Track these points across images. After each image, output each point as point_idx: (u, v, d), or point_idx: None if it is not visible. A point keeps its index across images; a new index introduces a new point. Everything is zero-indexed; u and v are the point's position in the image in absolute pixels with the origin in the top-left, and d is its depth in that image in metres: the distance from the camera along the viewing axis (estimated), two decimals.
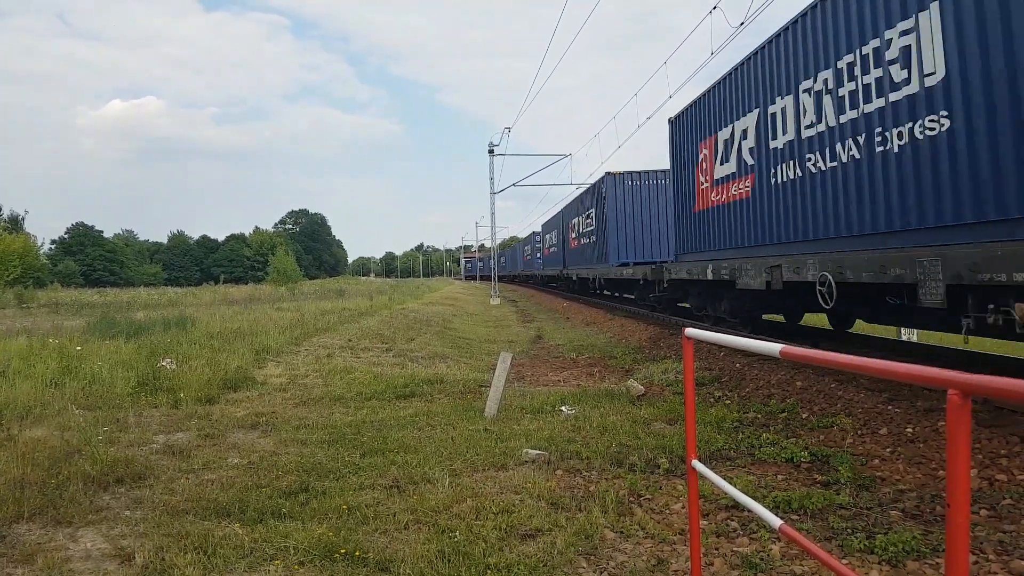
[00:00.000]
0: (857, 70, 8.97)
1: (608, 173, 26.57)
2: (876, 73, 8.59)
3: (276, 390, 10.35)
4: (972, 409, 1.54)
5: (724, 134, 13.92)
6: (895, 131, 8.29)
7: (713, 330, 7.99)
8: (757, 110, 12.21)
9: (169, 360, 11.25)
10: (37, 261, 65.06)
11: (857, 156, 9.07)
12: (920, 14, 7.72)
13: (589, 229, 30.98)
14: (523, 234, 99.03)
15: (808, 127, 10.30)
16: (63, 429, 7.59)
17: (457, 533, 4.70)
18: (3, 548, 4.65)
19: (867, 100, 8.81)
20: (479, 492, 5.58)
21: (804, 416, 8.06)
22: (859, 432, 7.14)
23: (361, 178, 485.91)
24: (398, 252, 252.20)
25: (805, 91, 10.37)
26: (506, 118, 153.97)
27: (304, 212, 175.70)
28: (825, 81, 9.78)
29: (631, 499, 5.48)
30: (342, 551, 4.43)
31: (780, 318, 15.67)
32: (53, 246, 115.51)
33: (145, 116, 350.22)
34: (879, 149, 8.60)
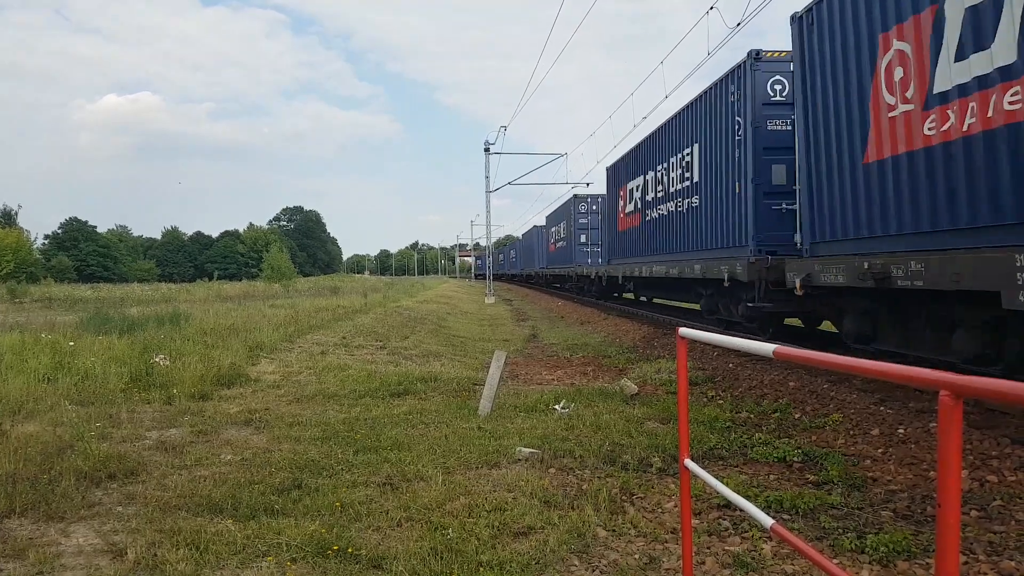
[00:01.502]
0: (674, 167, 17.54)
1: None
2: (679, 170, 17.08)
3: (270, 387, 10.33)
4: (964, 410, 1.55)
5: (631, 184, 22.13)
6: (684, 201, 16.83)
7: (706, 330, 7.99)
8: (641, 176, 20.87)
9: (162, 356, 11.23)
10: (30, 256, 64.92)
11: (669, 211, 17.98)
12: (693, 145, 16.02)
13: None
14: (519, 232, 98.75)
15: (655, 192, 19.38)
16: (55, 424, 7.56)
17: (450, 530, 4.70)
18: None
19: (677, 183, 17.26)
20: (472, 490, 5.58)
21: (797, 416, 8.08)
22: (851, 433, 7.17)
23: (357, 175, 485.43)
24: (393, 250, 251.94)
25: (655, 171, 19.43)
26: (503, 118, 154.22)
27: (299, 209, 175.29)
28: (664, 168, 18.46)
29: (624, 498, 5.49)
30: (335, 548, 4.43)
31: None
32: (46, 241, 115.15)
33: (141, 111, 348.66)
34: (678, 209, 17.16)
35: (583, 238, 34.73)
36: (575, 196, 34.98)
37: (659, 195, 18.68)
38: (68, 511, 5.19)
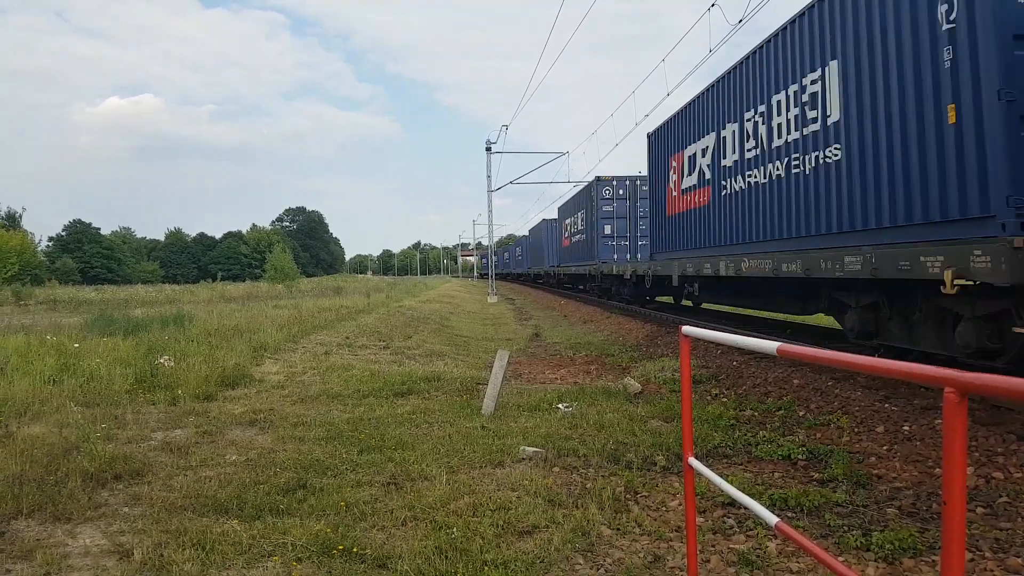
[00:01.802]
0: (782, 108, 11.10)
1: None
2: (796, 109, 10.57)
3: (274, 387, 10.34)
4: (969, 407, 1.55)
5: (692, 149, 15.94)
6: (581, 236, 28.95)
7: (710, 328, 7.96)
8: (711, 134, 14.53)
9: (167, 357, 11.25)
10: (35, 258, 65.04)
11: (775, 176, 11.52)
12: (827, 64, 9.59)
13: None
14: (520, 232, 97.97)
15: (744, 152, 12.81)
16: (61, 426, 7.58)
17: (454, 530, 4.71)
18: (2, 544, 4.65)
19: (792, 130, 10.76)
20: (476, 489, 5.59)
21: (801, 414, 8.08)
22: (856, 430, 7.16)
23: (359, 176, 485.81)
24: (395, 250, 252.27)
25: (741, 121, 12.78)
26: (504, 118, 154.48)
27: (301, 210, 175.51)
28: (761, 113, 11.93)
29: (628, 496, 5.49)
30: (340, 547, 4.44)
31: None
32: (51, 243, 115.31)
33: (143, 113, 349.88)
34: (798, 169, 10.72)
35: (607, 229, 28.71)
36: (597, 179, 28.88)
37: (752, 155, 12.28)
38: (74, 512, 5.20)
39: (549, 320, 26.20)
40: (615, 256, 28.03)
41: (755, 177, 12.23)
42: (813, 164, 10.08)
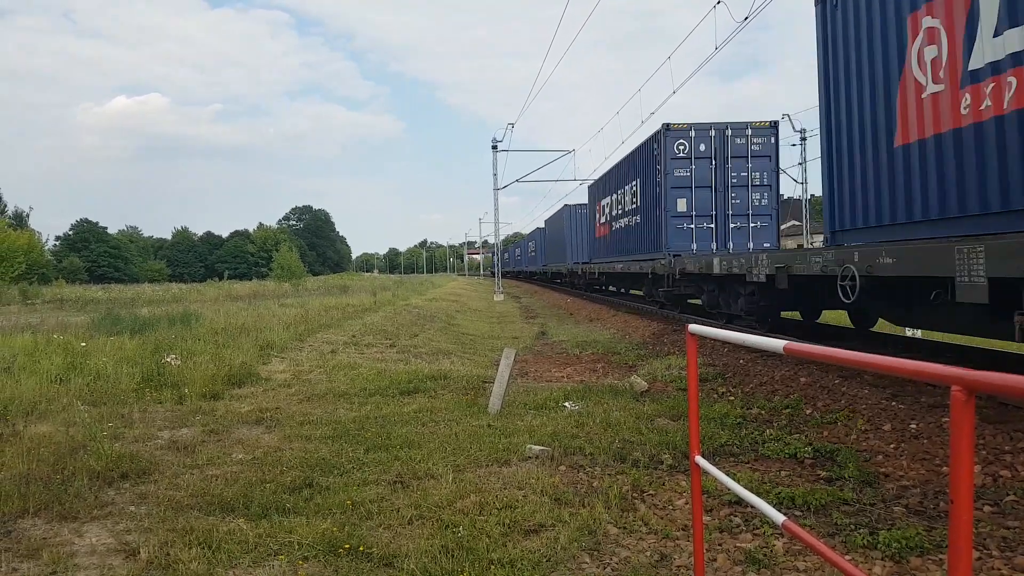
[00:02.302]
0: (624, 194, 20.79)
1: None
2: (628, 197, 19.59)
3: (280, 386, 10.36)
4: (976, 405, 1.54)
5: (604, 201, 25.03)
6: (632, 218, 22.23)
7: (718, 327, 7.84)
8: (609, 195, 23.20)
9: (173, 356, 11.28)
10: (42, 257, 65.19)
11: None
12: (633, 181, 21.72)
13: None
14: (527, 230, 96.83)
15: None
16: (68, 425, 7.61)
17: (460, 528, 4.71)
18: (9, 543, 4.67)
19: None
20: (482, 488, 5.59)
21: (808, 412, 8.05)
22: (863, 428, 7.14)
23: (364, 175, 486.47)
24: (401, 248, 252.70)
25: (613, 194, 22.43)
26: (509, 116, 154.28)
27: (308, 208, 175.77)
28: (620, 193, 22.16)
29: (634, 495, 5.49)
30: (346, 546, 4.44)
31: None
32: (58, 243, 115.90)
33: (149, 113, 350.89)
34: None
35: (681, 204, 18.76)
36: (667, 128, 18.70)
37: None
38: (81, 511, 5.22)
39: (555, 318, 26.19)
40: (694, 245, 18.99)
41: None
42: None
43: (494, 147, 45.07)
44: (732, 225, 18.89)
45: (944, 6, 7.48)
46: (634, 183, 22.52)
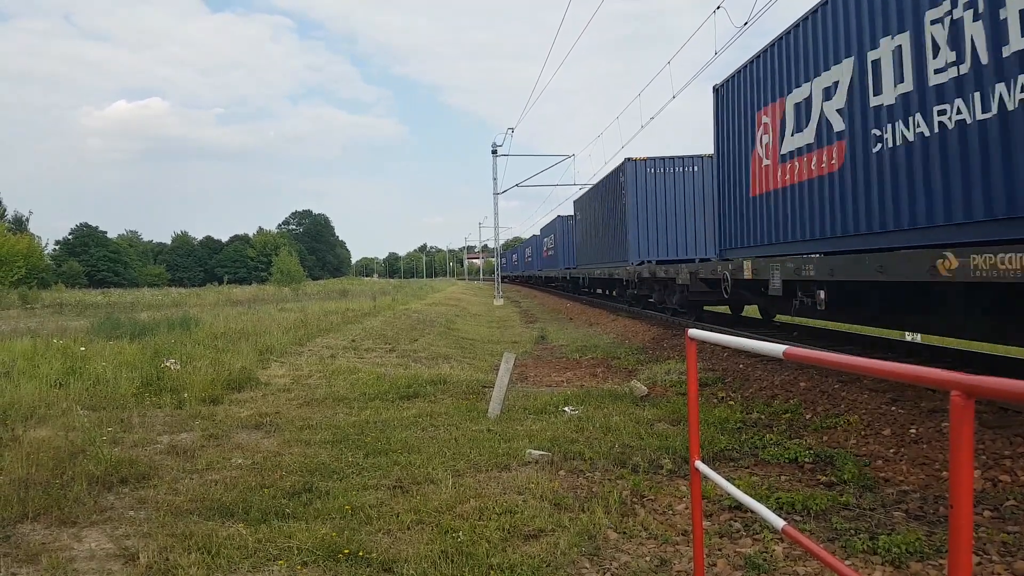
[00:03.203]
0: (599, 211, 17.16)
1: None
2: (602, 214, 17.71)
3: (280, 391, 10.36)
4: (975, 410, 1.54)
5: (584, 214, 19.58)
6: (605, 231, 20.97)
7: (716, 331, 7.95)
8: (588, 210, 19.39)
9: (173, 361, 11.28)
10: (41, 262, 65.20)
11: (603, 236, 17.73)
12: (604, 201, 21.39)
13: None
14: (527, 234, 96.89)
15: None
16: (67, 429, 7.61)
17: (460, 533, 4.70)
18: (8, 548, 4.66)
19: (602, 221, 17.65)
20: (482, 492, 5.58)
21: (807, 417, 8.05)
22: (863, 433, 7.14)
23: (364, 179, 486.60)
24: (401, 253, 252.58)
25: (935, 21, 7.39)
26: (510, 119, 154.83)
27: (308, 213, 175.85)
28: (595, 209, 17.46)
29: (634, 500, 5.48)
30: (345, 551, 4.44)
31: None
32: (57, 247, 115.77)
33: (150, 117, 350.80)
34: (604, 235, 18.76)
35: (642, 221, 22.04)
36: (627, 160, 22.47)
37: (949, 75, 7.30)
38: (80, 516, 5.22)
39: (555, 322, 26.19)
40: (649, 256, 22.36)
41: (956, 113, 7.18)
42: None
43: (494, 152, 45.17)
44: (682, 236, 22.38)
45: (771, 111, 11.66)
46: (607, 202, 26.49)
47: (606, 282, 29.59)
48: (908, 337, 15.32)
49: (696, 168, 21.99)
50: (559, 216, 45.69)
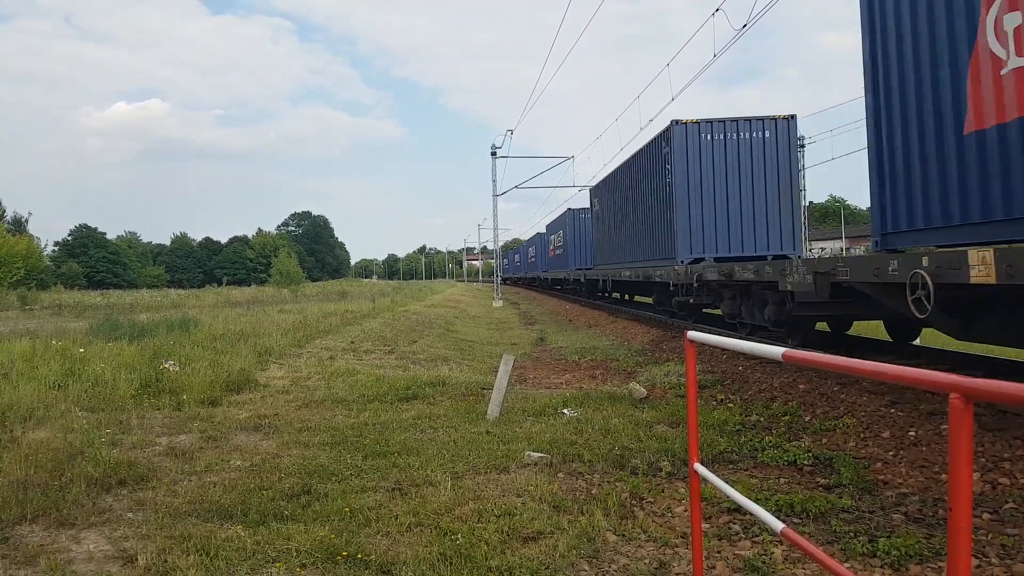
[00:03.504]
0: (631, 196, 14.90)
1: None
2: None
3: (279, 392, 10.35)
4: (975, 413, 1.54)
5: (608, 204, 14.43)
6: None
7: (715, 333, 7.89)
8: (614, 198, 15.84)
9: (172, 362, 11.27)
10: (40, 263, 65.19)
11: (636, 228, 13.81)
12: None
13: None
14: (526, 236, 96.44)
15: None
16: (66, 431, 7.60)
17: (459, 536, 4.70)
18: (6, 549, 4.66)
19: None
20: (481, 495, 5.58)
21: (807, 419, 8.05)
22: (862, 435, 7.13)
23: (364, 180, 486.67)
24: (400, 254, 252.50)
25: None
26: (509, 120, 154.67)
27: (307, 214, 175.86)
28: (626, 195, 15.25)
29: (633, 502, 5.48)
30: (344, 553, 4.43)
31: None
32: (56, 248, 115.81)
33: (150, 118, 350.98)
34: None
35: (694, 206, 17.33)
36: (675, 124, 17.44)
37: None
38: (79, 517, 5.21)
39: (554, 324, 26.19)
40: (707, 252, 17.33)
41: None
42: None
43: (493, 153, 45.16)
44: (747, 226, 17.20)
45: None
46: (642, 183, 20.61)
47: (640, 286, 23.90)
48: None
49: (768, 134, 17.09)
50: (569, 209, 40.03)
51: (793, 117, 17.26)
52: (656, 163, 19.20)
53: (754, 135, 17.11)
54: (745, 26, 13.49)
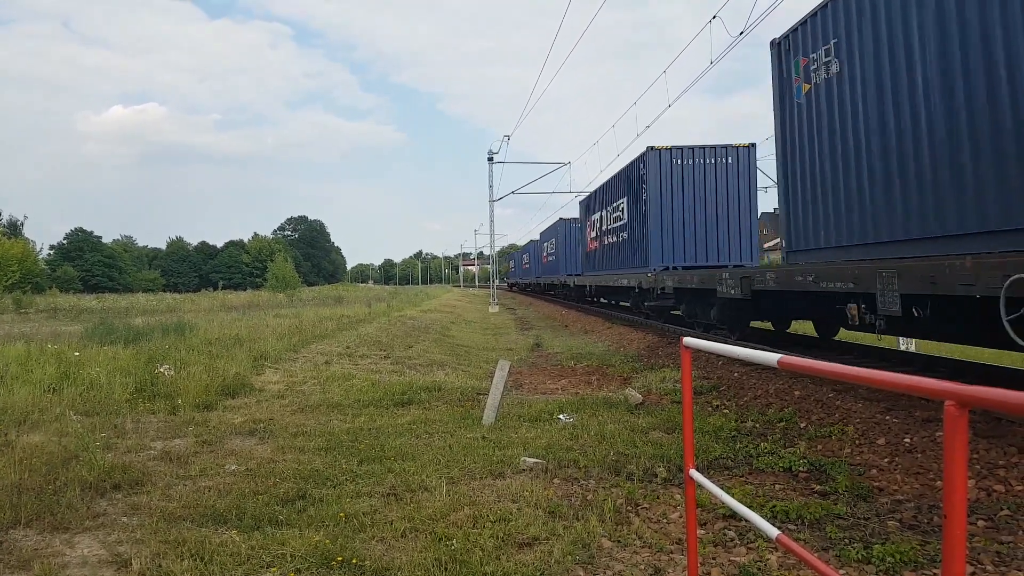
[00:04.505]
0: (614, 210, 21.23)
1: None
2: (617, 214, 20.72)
3: (274, 397, 10.33)
4: (970, 419, 1.54)
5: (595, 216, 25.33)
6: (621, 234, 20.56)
7: (708, 338, 8.06)
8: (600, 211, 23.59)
9: (167, 366, 11.24)
10: (36, 266, 65.09)
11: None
12: (621, 198, 22.40)
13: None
14: (522, 242, 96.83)
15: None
16: (61, 435, 7.57)
17: (454, 541, 4.69)
18: (0, 554, 4.64)
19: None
20: (476, 500, 5.57)
21: (802, 425, 8.05)
22: (857, 442, 7.14)
23: (361, 185, 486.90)
24: (397, 259, 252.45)
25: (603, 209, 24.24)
26: (505, 126, 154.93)
27: (303, 219, 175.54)
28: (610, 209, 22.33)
29: (628, 508, 5.48)
30: (339, 559, 4.42)
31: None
32: (52, 251, 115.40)
33: (147, 122, 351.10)
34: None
35: (666, 221, 19.72)
36: (650, 149, 20.02)
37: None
38: (73, 522, 5.19)
39: (550, 330, 26.18)
40: (676, 262, 20.49)
41: None
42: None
43: (490, 159, 45.19)
44: (711, 239, 19.69)
45: None
46: (622, 200, 23.39)
47: (620, 291, 25.85)
48: (903, 346, 15.37)
49: (731, 160, 19.50)
50: (561, 219, 42.02)
51: (753, 146, 19.86)
52: (634, 182, 21.78)
53: (719, 160, 19.63)
54: (742, 33, 13.55)
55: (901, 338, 14.82)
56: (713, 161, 19.63)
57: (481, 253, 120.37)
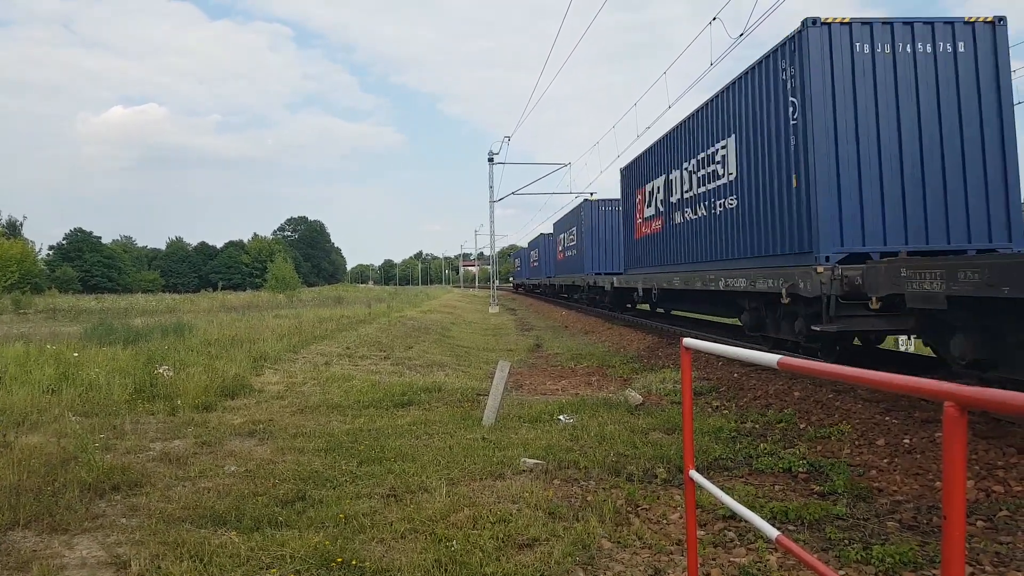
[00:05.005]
0: (704, 165, 15.11)
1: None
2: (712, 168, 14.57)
3: (273, 398, 10.33)
4: (969, 421, 1.54)
5: (653, 185, 19.32)
6: (726, 200, 14.17)
7: (708, 339, 8.07)
8: (668, 174, 17.83)
9: (166, 367, 11.24)
10: (35, 267, 65.12)
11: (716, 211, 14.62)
12: (724, 138, 13.77)
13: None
14: (523, 242, 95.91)
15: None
16: (59, 436, 7.57)
17: (454, 542, 4.69)
18: None
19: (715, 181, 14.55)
20: (476, 501, 5.57)
21: (802, 426, 8.06)
22: (856, 443, 7.14)
23: (361, 186, 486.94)
24: (397, 260, 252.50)
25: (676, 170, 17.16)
26: (507, 128, 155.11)
27: (303, 219, 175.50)
28: (694, 166, 15.77)
29: (628, 509, 5.47)
30: (339, 560, 4.42)
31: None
32: (51, 252, 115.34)
33: (147, 123, 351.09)
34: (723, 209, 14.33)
35: (844, 165, 9.94)
36: (813, 23, 9.95)
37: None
38: (72, 523, 5.19)
39: (550, 331, 26.18)
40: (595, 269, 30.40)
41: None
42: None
43: (490, 160, 45.21)
44: (932, 202, 10.37)
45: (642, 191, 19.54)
46: (726, 141, 13.61)
47: (573, 288, 37.87)
48: (902, 347, 15.37)
49: (962, 47, 9.91)
50: (586, 200, 34.34)
51: (1002, 20, 10.65)
52: (577, 220, 20.59)
53: (939, 47, 10.55)
54: (742, 34, 13.52)
55: (900, 338, 14.83)
56: (616, 209, 18.33)
57: (481, 254, 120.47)
